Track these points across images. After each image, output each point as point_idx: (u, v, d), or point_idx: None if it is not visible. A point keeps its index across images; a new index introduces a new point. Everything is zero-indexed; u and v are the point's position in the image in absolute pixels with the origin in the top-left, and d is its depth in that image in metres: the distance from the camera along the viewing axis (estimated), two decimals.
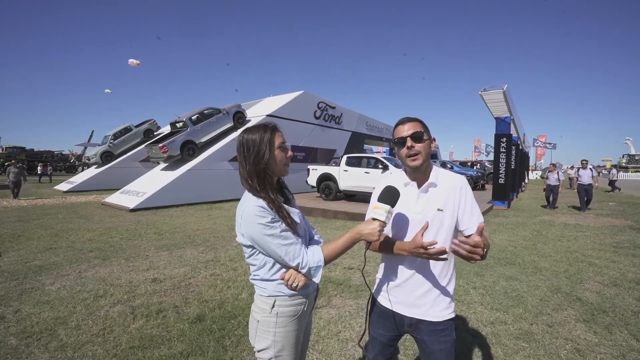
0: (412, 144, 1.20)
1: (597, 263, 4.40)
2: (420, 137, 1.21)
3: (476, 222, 1.20)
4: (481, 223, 1.13)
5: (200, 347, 2.34)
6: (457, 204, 1.22)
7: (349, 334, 2.57)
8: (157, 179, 10.77)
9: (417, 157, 1.20)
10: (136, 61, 13.92)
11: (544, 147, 39.66)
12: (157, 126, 18.55)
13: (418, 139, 1.20)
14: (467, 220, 1.22)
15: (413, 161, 1.21)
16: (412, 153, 1.20)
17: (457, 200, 1.22)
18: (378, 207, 1.13)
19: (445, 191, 1.23)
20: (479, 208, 1.26)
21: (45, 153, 29.05)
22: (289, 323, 1.18)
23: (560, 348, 2.38)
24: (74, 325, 2.64)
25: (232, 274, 3.89)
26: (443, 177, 1.27)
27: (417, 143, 1.20)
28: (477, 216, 1.22)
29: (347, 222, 7.45)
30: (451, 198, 1.22)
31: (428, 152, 1.23)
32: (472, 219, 1.21)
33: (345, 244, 1.16)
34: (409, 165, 1.24)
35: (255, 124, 1.22)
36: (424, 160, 1.21)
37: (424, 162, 1.22)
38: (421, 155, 1.21)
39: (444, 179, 1.26)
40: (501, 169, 10.06)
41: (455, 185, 1.24)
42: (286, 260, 1.12)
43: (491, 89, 8.94)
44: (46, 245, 5.16)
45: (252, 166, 1.17)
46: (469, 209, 1.22)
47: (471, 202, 1.24)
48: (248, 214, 1.12)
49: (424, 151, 1.21)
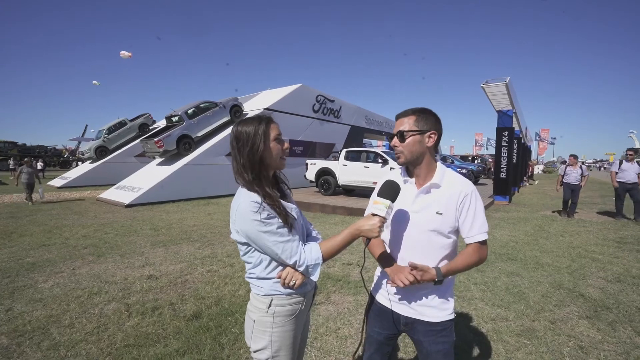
0: (396, 143, 1.20)
1: (600, 259, 4.37)
2: (402, 135, 1.18)
3: (476, 233, 1.17)
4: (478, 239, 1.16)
5: (196, 344, 2.31)
6: (458, 211, 1.17)
7: (348, 331, 2.54)
8: (153, 174, 10.67)
9: (400, 155, 1.20)
10: (128, 53, 13.71)
11: (544, 142, 39.78)
12: (152, 120, 18.37)
13: (401, 137, 1.19)
14: (467, 230, 1.18)
15: (397, 159, 1.23)
16: (395, 152, 1.22)
17: (460, 208, 1.17)
18: (378, 202, 1.10)
19: (448, 195, 1.17)
20: (484, 217, 1.19)
21: (38, 148, 28.68)
22: (286, 323, 1.15)
23: (563, 345, 2.35)
24: (67, 324, 2.60)
25: (229, 271, 3.84)
26: (449, 179, 1.21)
27: (400, 142, 1.19)
28: (479, 226, 1.17)
29: (346, 218, 7.41)
30: (453, 203, 1.17)
31: (415, 150, 1.18)
32: (472, 229, 1.17)
33: (344, 241, 1.13)
34: (397, 162, 1.26)
35: (249, 116, 1.18)
36: (407, 159, 1.20)
37: (408, 160, 1.20)
38: (403, 155, 1.19)
39: (450, 182, 1.20)
40: (503, 163, 10.02)
41: (460, 191, 1.17)
42: (283, 257, 1.09)
43: (493, 82, 8.87)
44: (39, 242, 5.09)
45: (247, 160, 1.12)
46: (470, 219, 1.17)
47: (474, 211, 1.17)
48: (243, 209, 1.07)
49: (407, 149, 1.18)
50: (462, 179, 1.23)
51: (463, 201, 1.17)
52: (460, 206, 1.17)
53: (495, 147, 10.37)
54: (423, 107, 1.21)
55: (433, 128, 1.19)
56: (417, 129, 1.17)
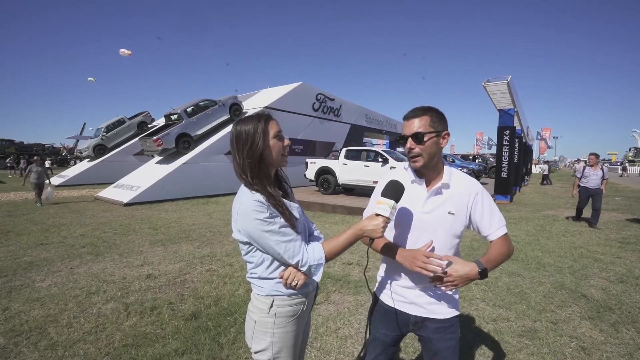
0: (413, 146, 1.13)
1: (603, 259, 4.36)
2: (421, 138, 1.11)
3: (497, 227, 1.16)
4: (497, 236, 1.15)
5: (195, 344, 2.30)
6: (469, 209, 1.16)
7: (348, 331, 2.53)
8: (152, 172, 10.63)
9: (418, 159, 1.14)
10: (127, 51, 13.64)
11: (545, 142, 39.80)
12: (151, 118, 18.31)
13: (419, 140, 1.12)
14: (488, 227, 1.17)
15: (414, 162, 1.16)
16: (412, 155, 1.15)
17: (473, 206, 1.16)
18: (382, 203, 1.08)
19: (458, 194, 1.17)
20: (499, 212, 1.19)
21: (36, 146, 28.48)
22: (287, 323, 1.14)
23: (565, 346, 2.33)
24: (65, 323, 2.58)
25: (228, 270, 3.82)
26: (457, 178, 1.20)
27: (417, 144, 1.12)
28: (498, 221, 1.17)
29: (346, 217, 7.39)
30: (464, 203, 1.16)
31: (433, 152, 1.14)
32: (492, 225, 1.16)
33: (347, 241, 1.11)
34: (411, 165, 1.19)
35: (248, 115, 1.16)
36: (426, 162, 1.14)
37: (426, 163, 1.15)
38: (422, 158, 1.13)
39: (458, 181, 1.19)
40: (504, 163, 10.01)
41: (470, 190, 1.17)
42: (285, 257, 1.07)
43: (494, 80, 8.84)
44: (37, 241, 5.05)
45: (247, 158, 1.10)
46: (488, 216, 1.16)
47: (489, 208, 1.17)
48: (245, 209, 1.05)
49: (426, 152, 1.13)
50: (469, 177, 1.22)
51: (475, 199, 1.16)
52: (473, 204, 1.16)
53: (497, 146, 10.36)
54: (431, 106, 1.18)
55: (446, 128, 1.17)
56: (434, 130, 1.13)
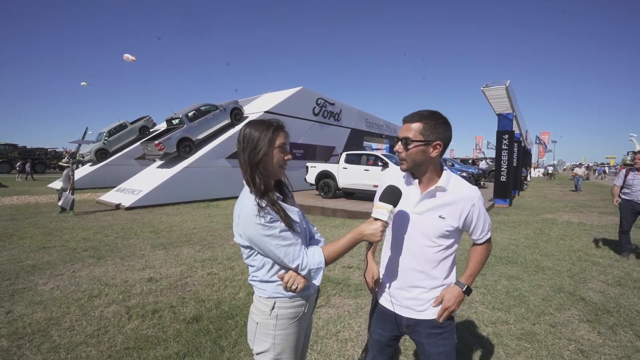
0: (400, 149, 1.19)
1: (601, 262, 4.37)
2: (406, 143, 1.16)
3: (485, 233, 1.25)
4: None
5: (196, 347, 2.31)
6: (463, 218, 1.19)
7: (348, 334, 2.53)
8: (153, 176, 10.65)
9: (403, 163, 1.20)
10: (132, 57, 13.72)
11: (543, 146, 39.79)
12: (152, 123, 18.37)
13: (405, 144, 1.16)
14: (479, 234, 1.25)
15: (400, 165, 1.23)
16: (399, 157, 1.21)
17: (466, 216, 1.19)
18: (380, 207, 1.11)
19: (454, 202, 1.18)
20: (489, 217, 1.27)
21: (39, 150, 28.56)
22: (289, 325, 1.15)
23: (564, 349, 2.34)
24: (67, 326, 2.59)
25: (229, 273, 3.83)
26: (455, 184, 1.21)
27: (404, 149, 1.17)
28: (487, 227, 1.25)
29: (347, 220, 7.40)
30: (458, 209, 1.18)
31: (418, 160, 1.17)
32: (482, 232, 1.25)
33: (346, 245, 1.13)
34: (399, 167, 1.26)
35: (262, 119, 1.18)
36: (409, 167, 1.19)
37: (410, 168, 1.20)
38: (406, 162, 1.18)
39: (456, 187, 1.20)
40: (503, 167, 10.02)
41: (467, 198, 1.18)
42: (285, 261, 1.09)
43: (493, 85, 8.88)
44: (39, 244, 5.07)
45: (247, 160, 1.13)
46: (481, 225, 1.24)
47: (483, 218, 1.23)
48: (246, 213, 1.08)
49: (410, 158, 1.17)
50: (468, 185, 1.23)
51: (471, 211, 1.19)
52: (469, 214, 1.19)
53: (496, 150, 10.38)
54: (432, 112, 1.17)
55: (440, 137, 1.15)
56: (423, 139, 1.14)
